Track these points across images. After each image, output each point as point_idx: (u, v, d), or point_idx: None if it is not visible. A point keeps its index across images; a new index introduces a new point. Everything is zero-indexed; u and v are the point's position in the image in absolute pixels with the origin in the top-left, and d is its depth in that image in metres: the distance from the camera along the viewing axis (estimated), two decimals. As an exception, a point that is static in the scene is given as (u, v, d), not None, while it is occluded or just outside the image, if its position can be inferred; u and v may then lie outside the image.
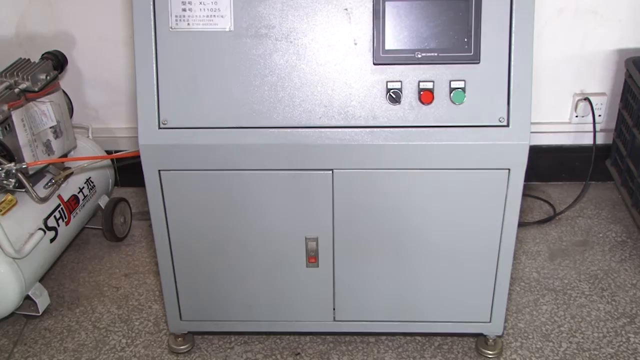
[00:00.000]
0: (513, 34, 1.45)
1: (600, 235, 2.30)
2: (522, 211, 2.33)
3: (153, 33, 1.47)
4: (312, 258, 1.66)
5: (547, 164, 2.52)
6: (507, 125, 1.47)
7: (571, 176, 2.55)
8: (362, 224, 1.61)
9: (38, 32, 2.28)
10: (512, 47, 1.45)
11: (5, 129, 1.79)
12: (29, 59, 1.93)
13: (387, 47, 1.46)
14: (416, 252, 1.64)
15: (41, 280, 1.99)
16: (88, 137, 2.30)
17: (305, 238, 1.64)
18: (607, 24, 2.25)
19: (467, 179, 1.54)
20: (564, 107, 2.44)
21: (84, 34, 2.30)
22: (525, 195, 2.08)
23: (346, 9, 1.46)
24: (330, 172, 1.55)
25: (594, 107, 2.38)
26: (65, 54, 2.05)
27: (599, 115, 2.42)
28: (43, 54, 2.03)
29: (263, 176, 1.56)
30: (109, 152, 2.36)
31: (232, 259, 1.68)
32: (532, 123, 1.47)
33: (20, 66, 1.90)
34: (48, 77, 1.91)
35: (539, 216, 2.40)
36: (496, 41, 1.45)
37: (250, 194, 1.58)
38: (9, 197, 1.87)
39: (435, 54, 1.46)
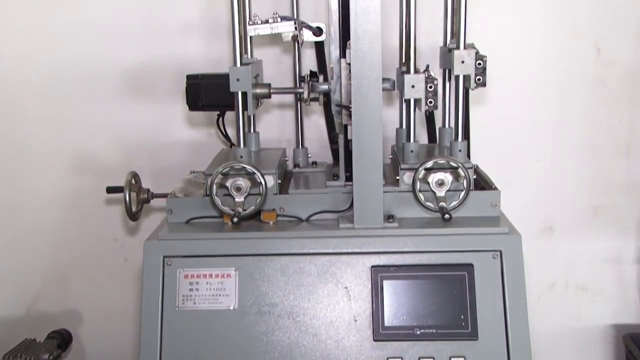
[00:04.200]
0: (508, 310, 1.50)
1: None
2: None
3: (160, 311, 1.53)
4: None
5: None
6: (512, 402, 1.46)
7: None
8: None
9: (47, 311, 2.34)
10: (508, 322, 1.49)
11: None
12: (34, 339, 1.96)
13: (386, 324, 1.50)
14: None
15: None
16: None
17: None
18: (598, 300, 2.32)
19: None
20: (571, 379, 2.40)
21: (92, 311, 2.35)
22: None
23: (346, 287, 1.53)
24: None
25: (601, 383, 2.34)
26: (71, 331, 2.08)
27: (609, 391, 2.37)
28: (49, 334, 2.06)
29: None
30: None
31: None
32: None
33: (25, 347, 1.92)
34: (51, 357, 1.93)
35: None
36: (492, 317, 1.50)
37: None
38: None
39: (434, 331, 1.49)
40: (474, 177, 1.68)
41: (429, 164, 1.57)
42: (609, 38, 2.13)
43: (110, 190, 1.86)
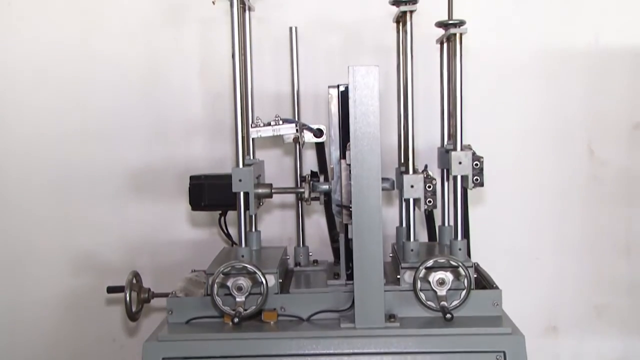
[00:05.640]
0: None
1: None
2: None
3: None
4: None
5: None
6: None
7: None
8: None
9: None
10: None
11: None
12: None
13: None
14: None
15: None
16: None
17: None
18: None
19: None
20: None
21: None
22: None
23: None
24: None
25: None
26: None
27: None
28: None
29: None
30: None
31: None
32: None
33: None
34: None
35: None
36: None
37: None
38: None
39: None
40: (475, 275, 1.68)
41: (430, 263, 1.58)
42: (602, 140, 2.19)
43: (110, 290, 1.85)
